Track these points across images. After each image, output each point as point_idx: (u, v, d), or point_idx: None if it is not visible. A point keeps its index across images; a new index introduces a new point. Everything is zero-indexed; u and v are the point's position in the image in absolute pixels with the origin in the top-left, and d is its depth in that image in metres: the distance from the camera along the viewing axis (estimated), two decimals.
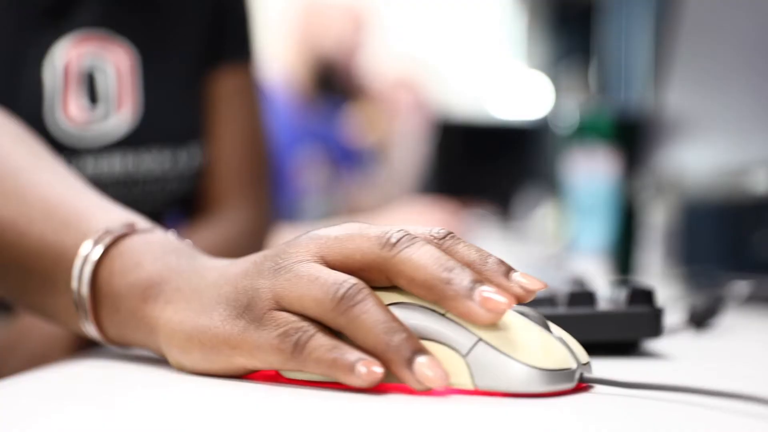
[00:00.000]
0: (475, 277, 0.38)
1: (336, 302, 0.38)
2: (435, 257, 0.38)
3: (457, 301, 0.38)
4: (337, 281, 0.39)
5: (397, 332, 0.37)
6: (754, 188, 0.83)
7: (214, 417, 0.36)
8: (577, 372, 0.39)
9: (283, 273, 0.40)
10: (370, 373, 0.37)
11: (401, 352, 0.37)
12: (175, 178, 0.82)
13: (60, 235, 0.48)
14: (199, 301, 0.43)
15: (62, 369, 0.46)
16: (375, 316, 0.38)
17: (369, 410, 0.36)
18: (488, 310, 0.37)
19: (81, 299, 0.47)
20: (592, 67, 2.81)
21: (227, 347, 0.41)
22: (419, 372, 0.37)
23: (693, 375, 0.47)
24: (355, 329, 0.38)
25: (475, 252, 0.40)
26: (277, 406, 0.37)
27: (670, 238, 1.10)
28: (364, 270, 0.40)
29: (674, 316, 0.63)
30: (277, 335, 0.39)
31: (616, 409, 0.37)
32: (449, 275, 0.38)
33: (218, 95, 0.88)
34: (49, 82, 0.75)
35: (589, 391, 0.40)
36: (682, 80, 0.99)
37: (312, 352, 0.38)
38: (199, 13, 0.86)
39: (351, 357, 0.38)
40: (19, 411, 0.37)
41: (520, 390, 0.37)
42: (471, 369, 0.38)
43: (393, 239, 0.39)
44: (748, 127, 0.85)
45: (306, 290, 0.39)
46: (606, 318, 0.50)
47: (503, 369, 0.37)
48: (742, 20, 0.87)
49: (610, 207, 1.13)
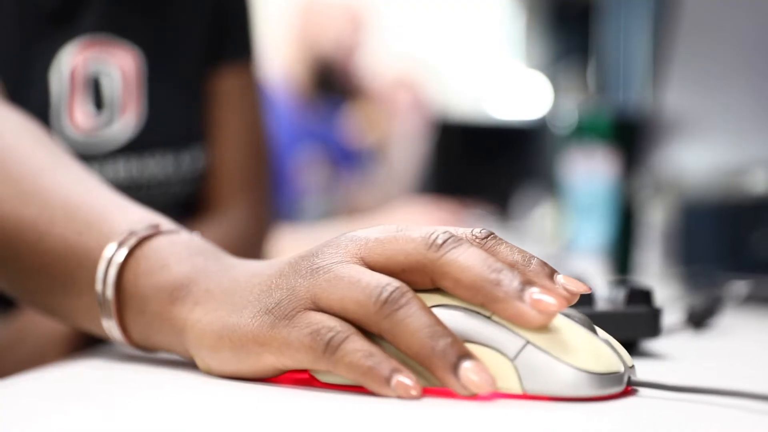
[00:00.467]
0: (524, 279, 0.37)
1: (379, 306, 0.37)
2: (482, 258, 0.38)
3: (507, 302, 0.37)
4: (381, 284, 0.38)
5: (442, 337, 0.37)
6: (753, 188, 0.83)
7: (215, 417, 0.36)
8: (626, 375, 0.38)
9: (322, 273, 0.39)
10: (403, 387, 0.37)
11: (446, 357, 0.36)
12: (178, 182, 0.82)
13: (83, 237, 0.48)
14: (230, 301, 0.42)
15: (62, 369, 0.46)
16: (419, 320, 0.37)
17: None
18: (539, 311, 0.37)
19: (105, 301, 0.46)
20: (591, 67, 2.81)
21: (256, 344, 0.40)
22: (465, 377, 0.36)
23: (692, 375, 0.47)
24: (399, 334, 0.37)
25: (518, 253, 0.40)
26: (279, 407, 0.37)
27: (668, 238, 1.11)
28: (407, 272, 0.39)
29: (673, 315, 0.63)
30: (309, 332, 0.38)
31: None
32: (498, 276, 0.37)
33: (219, 95, 0.88)
34: (55, 89, 0.75)
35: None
36: (681, 80, 0.99)
37: (346, 355, 0.38)
38: (201, 13, 0.86)
39: (386, 368, 0.37)
40: (19, 411, 0.37)
41: (570, 394, 0.37)
42: (519, 372, 0.37)
43: (439, 240, 0.38)
44: (747, 127, 0.85)
45: (347, 292, 0.38)
46: (604, 318, 0.50)
47: (552, 372, 0.37)
48: (741, 20, 0.87)
49: (608, 207, 1.13)
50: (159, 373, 0.44)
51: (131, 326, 0.46)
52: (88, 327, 0.49)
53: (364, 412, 0.36)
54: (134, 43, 0.80)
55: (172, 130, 0.82)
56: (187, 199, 0.84)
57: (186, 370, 0.44)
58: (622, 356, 0.39)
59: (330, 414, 0.36)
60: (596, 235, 1.18)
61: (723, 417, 0.35)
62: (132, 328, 0.46)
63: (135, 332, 0.47)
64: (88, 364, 0.47)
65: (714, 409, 0.36)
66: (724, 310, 0.66)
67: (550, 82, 3.26)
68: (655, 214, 1.15)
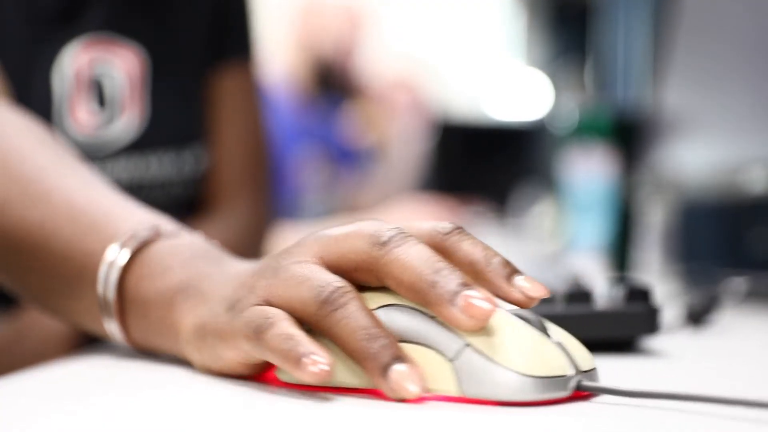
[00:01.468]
0: (464, 281, 0.37)
1: (318, 305, 0.37)
2: (424, 258, 0.37)
3: (440, 305, 0.36)
4: (322, 284, 0.38)
5: (378, 339, 0.36)
6: (752, 186, 0.83)
7: (214, 416, 0.36)
8: (574, 380, 0.37)
9: (281, 273, 0.40)
10: (314, 369, 0.36)
11: (378, 359, 0.36)
12: (180, 183, 0.82)
13: (85, 239, 0.48)
14: (212, 300, 0.43)
15: (62, 368, 0.46)
16: (356, 321, 0.37)
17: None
18: (470, 316, 0.36)
19: (107, 303, 0.47)
20: (591, 66, 2.81)
21: (217, 339, 0.41)
22: (393, 381, 0.36)
23: (690, 374, 0.47)
24: (336, 334, 0.37)
25: (480, 250, 0.39)
26: (276, 407, 0.37)
27: (667, 236, 1.11)
28: (358, 270, 0.39)
29: (672, 313, 0.63)
30: (244, 321, 0.39)
31: (613, 418, 0.35)
32: (435, 278, 0.36)
33: (219, 94, 0.88)
34: (57, 88, 0.75)
35: (590, 399, 0.38)
36: (680, 79, 0.99)
37: (270, 339, 0.38)
38: (201, 13, 0.86)
39: (301, 349, 0.37)
40: (19, 410, 0.37)
41: (506, 398, 0.36)
42: (457, 375, 0.36)
43: (384, 238, 0.38)
44: (746, 125, 0.85)
45: (295, 291, 0.39)
46: (603, 316, 0.50)
47: (489, 376, 0.36)
48: (741, 19, 0.87)
49: (607, 205, 1.13)
50: (159, 372, 0.44)
51: (133, 329, 0.47)
52: (90, 328, 0.49)
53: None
54: (137, 43, 0.80)
55: (175, 128, 0.82)
56: (189, 200, 0.84)
57: (186, 369, 0.44)
58: (575, 360, 0.38)
59: (327, 415, 0.36)
60: (595, 233, 1.18)
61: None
62: (133, 330, 0.47)
63: (136, 335, 0.47)
64: (88, 363, 0.47)
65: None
66: (723, 307, 0.66)
67: (549, 81, 3.26)
68: (654, 212, 1.15)
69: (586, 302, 0.51)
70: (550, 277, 0.65)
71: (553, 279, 0.64)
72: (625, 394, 0.37)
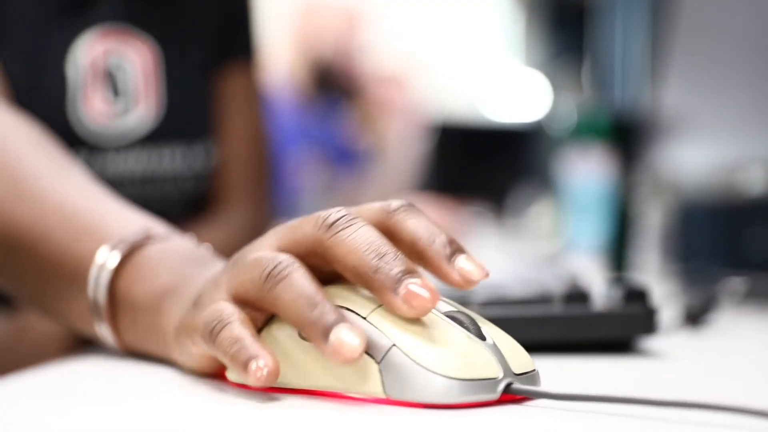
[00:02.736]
0: (406, 267, 0.36)
1: (263, 281, 0.37)
2: (369, 241, 0.37)
3: (382, 292, 0.36)
4: (267, 260, 0.38)
5: (318, 305, 0.36)
6: (750, 186, 0.84)
7: (214, 416, 0.36)
8: (502, 382, 0.36)
9: (239, 263, 0.40)
10: (256, 372, 0.36)
11: (319, 323, 0.35)
12: (191, 178, 0.82)
13: (77, 242, 0.48)
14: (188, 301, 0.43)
15: (61, 368, 0.46)
16: (297, 289, 0.36)
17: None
18: (410, 306, 0.35)
19: (97, 307, 0.47)
20: (589, 66, 2.81)
21: (185, 335, 0.42)
22: (333, 342, 0.35)
23: (688, 374, 0.47)
24: (279, 305, 0.37)
25: (424, 229, 0.38)
26: (275, 406, 0.38)
27: (665, 236, 1.11)
28: (309, 255, 0.38)
29: (670, 313, 0.63)
30: (203, 321, 0.39)
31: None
32: (378, 263, 0.36)
33: (223, 94, 0.89)
34: (72, 77, 0.75)
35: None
36: (679, 79, 0.99)
37: (221, 342, 0.38)
38: (209, 12, 0.87)
39: (247, 353, 0.37)
40: (19, 410, 0.37)
41: (429, 400, 0.35)
42: (383, 376, 0.36)
43: (330, 220, 0.38)
44: (744, 125, 0.85)
45: (247, 273, 0.39)
46: (601, 317, 0.50)
47: (413, 377, 0.35)
48: (739, 19, 0.87)
49: (606, 205, 1.13)
50: (158, 372, 0.44)
51: (123, 332, 0.47)
52: (83, 330, 0.50)
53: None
54: (150, 36, 0.80)
55: (188, 121, 0.83)
56: (199, 196, 0.85)
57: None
58: (508, 362, 0.36)
59: (321, 416, 0.36)
60: (593, 233, 1.18)
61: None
62: (124, 333, 0.47)
63: (127, 338, 0.47)
64: (88, 363, 0.48)
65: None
66: (721, 307, 0.66)
67: (548, 82, 3.26)
68: (652, 212, 1.15)
69: (584, 303, 0.51)
70: (548, 278, 0.65)
71: (551, 279, 0.64)
72: (555, 397, 0.36)
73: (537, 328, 0.49)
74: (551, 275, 0.72)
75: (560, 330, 0.49)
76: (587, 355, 0.49)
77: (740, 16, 0.87)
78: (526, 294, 0.52)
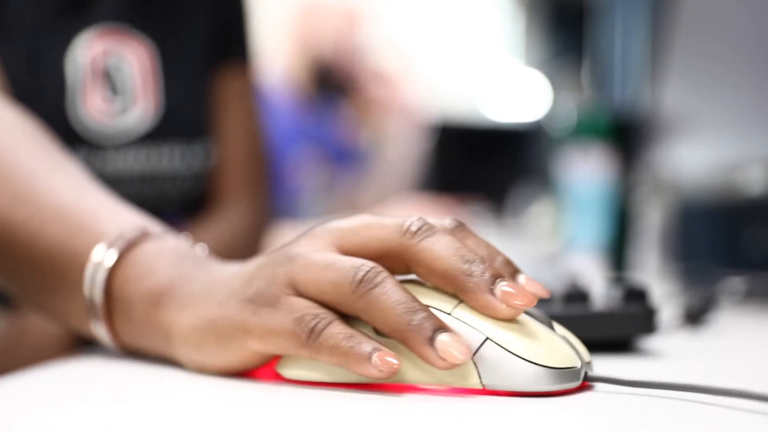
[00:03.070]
0: (496, 272, 0.38)
1: (355, 285, 0.38)
2: (455, 248, 0.39)
3: (478, 293, 0.38)
4: (355, 265, 0.38)
5: (418, 311, 0.37)
6: (750, 186, 0.84)
7: (214, 415, 0.36)
8: (582, 370, 0.39)
9: (299, 260, 0.40)
10: (385, 363, 0.37)
11: (422, 330, 0.37)
12: (191, 177, 0.83)
13: (73, 239, 0.48)
14: (213, 299, 0.42)
15: (62, 368, 0.46)
16: (394, 296, 0.38)
17: (373, 410, 0.36)
18: (508, 305, 0.37)
19: (93, 305, 0.47)
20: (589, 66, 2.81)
21: (240, 332, 0.41)
22: (441, 348, 0.37)
23: (687, 372, 0.47)
24: (375, 312, 0.38)
25: (484, 248, 0.41)
26: (276, 405, 0.38)
27: (665, 236, 1.11)
28: (382, 258, 0.40)
29: (669, 313, 0.63)
30: (293, 319, 0.39)
31: (620, 407, 0.37)
32: (470, 267, 0.38)
33: (220, 96, 0.89)
34: (71, 75, 0.76)
35: (593, 389, 0.40)
36: (678, 79, 1.00)
37: (328, 338, 0.38)
38: (205, 14, 0.87)
39: (367, 347, 0.37)
40: (19, 410, 0.37)
41: (527, 389, 0.37)
42: (478, 368, 0.38)
43: (414, 227, 0.39)
44: (744, 125, 0.85)
45: (323, 274, 0.39)
46: (601, 317, 0.50)
47: (510, 368, 0.37)
48: (739, 19, 0.87)
49: (605, 205, 1.13)
50: (158, 371, 0.44)
51: (120, 330, 0.47)
52: (79, 328, 0.50)
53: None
54: (147, 36, 0.81)
55: (187, 121, 0.83)
56: (198, 196, 0.85)
57: (186, 368, 0.44)
58: (579, 352, 0.40)
59: (335, 414, 0.36)
60: (593, 233, 1.18)
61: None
62: (120, 332, 0.47)
63: (123, 336, 0.47)
64: (88, 363, 0.48)
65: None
66: (721, 307, 0.67)
67: (547, 81, 3.26)
68: (651, 212, 1.15)
69: (584, 302, 0.51)
70: (548, 277, 0.65)
71: (551, 279, 0.64)
72: (627, 384, 0.39)
73: None
74: (551, 275, 0.72)
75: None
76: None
77: (740, 16, 0.87)
78: None
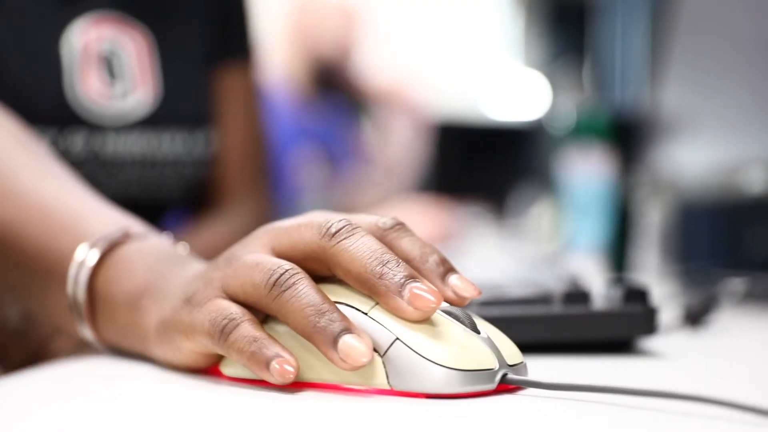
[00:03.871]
0: (409, 273, 0.38)
1: (270, 287, 0.38)
2: (372, 250, 0.39)
3: (387, 296, 0.38)
4: (272, 267, 0.39)
5: (326, 314, 0.37)
6: (750, 186, 0.84)
7: (214, 415, 0.36)
8: (499, 373, 0.38)
9: (233, 263, 0.41)
10: (282, 371, 0.37)
11: (327, 332, 0.37)
12: (191, 163, 0.83)
13: (56, 239, 0.49)
14: (172, 296, 0.43)
15: (61, 368, 0.46)
16: (305, 299, 0.38)
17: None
18: (415, 308, 0.37)
19: (76, 304, 0.47)
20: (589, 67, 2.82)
21: (176, 332, 0.42)
22: (343, 350, 0.37)
23: (687, 374, 0.47)
24: (287, 313, 0.38)
25: (418, 248, 0.41)
26: (276, 405, 0.38)
27: (665, 236, 1.11)
28: (307, 260, 0.40)
29: (669, 313, 0.63)
30: (209, 319, 0.40)
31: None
32: (382, 269, 0.38)
33: (221, 93, 0.89)
34: (66, 59, 0.76)
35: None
36: (678, 79, 1.00)
37: (235, 341, 0.39)
38: (205, 10, 0.88)
39: (269, 352, 0.38)
40: (19, 410, 0.37)
41: (433, 391, 0.37)
42: (387, 369, 0.37)
43: (333, 229, 0.39)
44: (744, 125, 0.85)
45: (247, 276, 0.40)
46: (601, 317, 0.50)
47: (417, 369, 0.37)
48: (739, 19, 0.87)
49: (605, 205, 1.13)
50: (158, 371, 0.44)
51: (103, 329, 0.47)
52: (64, 326, 0.50)
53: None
54: (144, 24, 0.81)
55: (188, 108, 0.84)
56: (199, 182, 0.85)
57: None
58: (503, 354, 0.39)
59: (322, 413, 0.36)
60: (593, 233, 1.18)
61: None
62: (103, 330, 0.47)
63: (106, 334, 0.48)
64: (88, 363, 0.48)
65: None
66: (721, 308, 0.66)
67: (547, 82, 3.26)
68: (652, 212, 1.15)
69: (584, 303, 0.51)
70: (548, 278, 0.65)
71: (551, 279, 0.64)
72: (546, 387, 0.38)
73: (537, 328, 0.49)
74: (551, 275, 0.72)
75: (560, 330, 0.50)
76: (587, 355, 0.49)
77: (740, 16, 0.87)
78: (526, 294, 0.53)
